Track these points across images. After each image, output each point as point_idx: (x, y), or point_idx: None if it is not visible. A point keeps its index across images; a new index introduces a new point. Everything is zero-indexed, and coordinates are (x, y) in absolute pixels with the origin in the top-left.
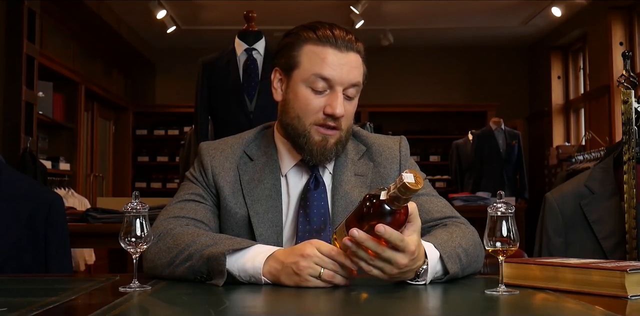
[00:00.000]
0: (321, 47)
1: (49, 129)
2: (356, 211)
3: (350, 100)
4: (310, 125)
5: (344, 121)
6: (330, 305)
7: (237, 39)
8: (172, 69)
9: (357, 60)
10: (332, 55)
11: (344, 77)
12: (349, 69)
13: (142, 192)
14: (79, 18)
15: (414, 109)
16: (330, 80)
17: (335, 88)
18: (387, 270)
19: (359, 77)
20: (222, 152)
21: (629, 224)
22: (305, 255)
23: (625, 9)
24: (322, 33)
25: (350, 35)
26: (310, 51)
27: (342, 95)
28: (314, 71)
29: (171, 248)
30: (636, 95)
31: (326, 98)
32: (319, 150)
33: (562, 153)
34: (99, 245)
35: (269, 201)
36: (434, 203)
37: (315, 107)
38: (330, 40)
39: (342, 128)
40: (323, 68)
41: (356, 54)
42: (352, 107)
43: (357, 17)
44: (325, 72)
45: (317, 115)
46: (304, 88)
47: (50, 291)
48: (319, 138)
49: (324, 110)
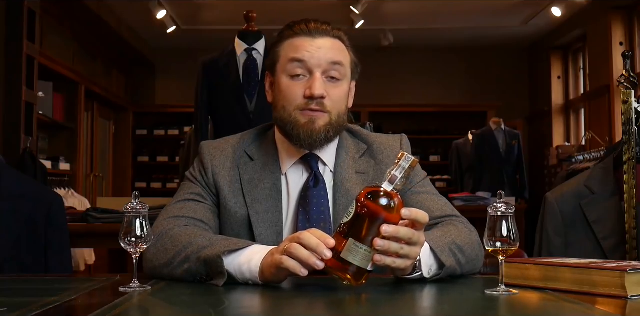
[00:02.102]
0: (297, 38)
1: (49, 129)
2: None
3: (335, 82)
4: (294, 111)
5: (329, 103)
6: (329, 304)
7: (237, 39)
8: (172, 69)
9: (334, 43)
10: (306, 41)
11: (320, 57)
12: (325, 51)
13: (142, 192)
14: (79, 18)
15: (414, 109)
16: (306, 62)
17: (313, 71)
18: (412, 254)
19: (339, 57)
20: (222, 152)
21: (629, 224)
22: (289, 238)
23: (625, 9)
24: (298, 28)
25: (326, 26)
26: (287, 44)
27: (323, 77)
28: (289, 56)
29: (169, 249)
30: (636, 95)
31: (305, 82)
32: (307, 132)
33: (562, 153)
34: (99, 245)
35: (269, 201)
36: (435, 201)
37: (296, 93)
38: (304, 31)
39: (328, 110)
40: (297, 52)
41: (333, 38)
42: (338, 91)
43: (357, 17)
44: (299, 54)
45: (299, 100)
46: (284, 77)
47: (50, 291)
48: (304, 121)
49: (304, 94)
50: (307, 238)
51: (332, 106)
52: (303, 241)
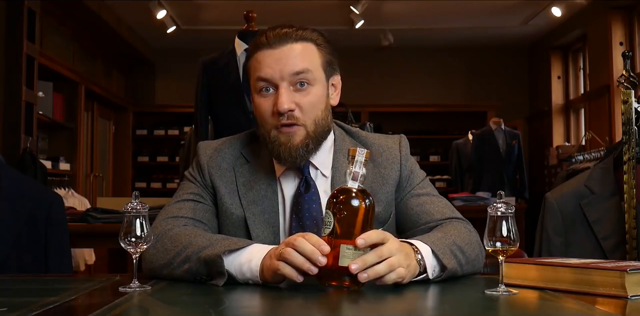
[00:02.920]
0: (259, 52)
1: (49, 129)
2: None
3: (305, 89)
4: (271, 130)
5: (300, 114)
6: (329, 304)
7: (237, 39)
8: (172, 69)
9: (295, 48)
10: (266, 55)
11: (282, 70)
12: (285, 61)
13: (142, 192)
14: (79, 18)
15: (414, 109)
16: (269, 79)
17: (278, 85)
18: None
19: (302, 64)
20: (219, 152)
21: (629, 224)
22: (285, 242)
23: (625, 9)
24: (259, 40)
25: (287, 29)
26: (253, 60)
27: (290, 87)
28: (255, 76)
29: (168, 249)
30: (636, 95)
31: (273, 98)
32: (285, 151)
33: (562, 153)
34: (99, 245)
35: (265, 202)
36: (435, 203)
37: (267, 110)
38: (264, 43)
39: (302, 123)
40: (260, 70)
41: (294, 43)
42: (308, 98)
43: (357, 17)
44: (262, 73)
45: (270, 117)
46: (256, 95)
47: (50, 291)
48: (284, 139)
49: (272, 111)
50: (302, 245)
51: (305, 116)
52: (298, 247)
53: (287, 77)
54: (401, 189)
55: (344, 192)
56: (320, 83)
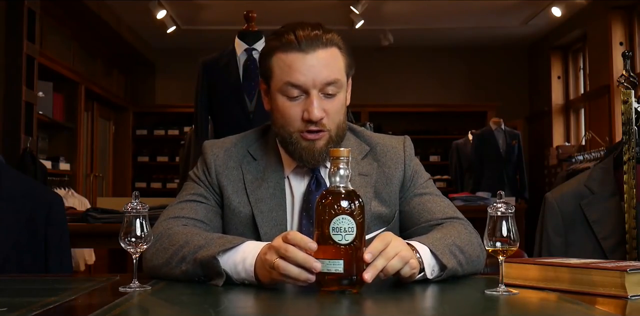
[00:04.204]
0: (287, 53)
1: (49, 129)
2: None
3: (331, 98)
4: (294, 132)
5: (328, 121)
6: (329, 305)
7: (237, 39)
8: (172, 69)
9: (327, 56)
10: (298, 59)
11: (315, 79)
12: (319, 69)
13: (142, 192)
14: (79, 18)
15: (414, 109)
16: (302, 86)
17: (309, 92)
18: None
19: (334, 74)
20: (225, 151)
21: (629, 224)
22: (270, 246)
23: (625, 9)
24: (286, 39)
25: (316, 31)
26: (278, 60)
27: (320, 95)
28: (285, 80)
29: (167, 248)
30: (636, 95)
31: (302, 103)
32: (309, 154)
33: (562, 153)
34: (99, 245)
35: (273, 200)
36: (437, 203)
37: (293, 115)
38: (294, 45)
39: (328, 128)
40: (291, 75)
41: (326, 48)
42: (335, 105)
43: (357, 17)
44: (294, 79)
45: (297, 122)
46: (280, 97)
47: (50, 291)
48: (306, 144)
49: (302, 117)
50: (293, 255)
51: (330, 122)
52: (290, 258)
53: (319, 85)
54: (405, 189)
55: (333, 193)
56: (343, 89)
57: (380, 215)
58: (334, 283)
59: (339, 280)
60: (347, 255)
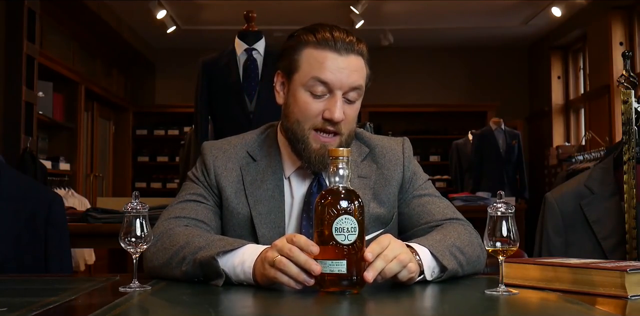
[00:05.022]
0: (320, 50)
1: (49, 129)
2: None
3: (351, 104)
4: (309, 129)
5: (344, 125)
6: (330, 305)
7: (237, 39)
8: (172, 69)
9: (357, 63)
10: (331, 58)
11: (343, 81)
12: (348, 73)
13: (142, 192)
14: (79, 18)
15: (414, 109)
16: (329, 84)
17: (334, 92)
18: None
19: (360, 81)
20: (225, 152)
21: (629, 224)
22: (274, 245)
23: (625, 9)
24: (322, 36)
25: (351, 37)
26: (309, 55)
27: (342, 98)
28: (313, 75)
29: (167, 248)
30: (636, 95)
31: (325, 102)
32: (317, 158)
33: (562, 153)
34: (99, 245)
35: (271, 202)
36: (436, 204)
37: (314, 111)
38: (330, 43)
39: (342, 132)
40: (322, 72)
41: (357, 56)
42: (353, 111)
43: (357, 17)
44: (324, 76)
45: (316, 119)
46: (304, 92)
47: (50, 291)
48: (317, 146)
49: (322, 115)
50: (295, 254)
51: (345, 127)
52: (293, 258)
53: (345, 88)
54: (404, 190)
55: (332, 192)
56: (361, 98)
57: (379, 217)
58: (335, 284)
59: (339, 281)
60: (349, 255)
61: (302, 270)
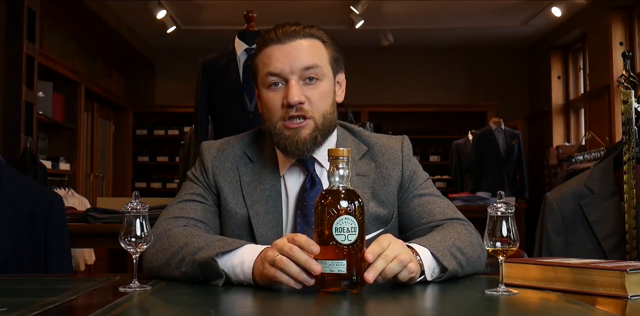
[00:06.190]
0: (267, 48)
1: (49, 129)
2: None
3: (314, 83)
4: (278, 122)
5: (309, 107)
6: (330, 305)
7: (237, 39)
8: (172, 69)
9: (306, 44)
10: (276, 50)
11: (292, 65)
12: (295, 55)
13: (142, 192)
14: (79, 18)
15: (414, 109)
16: (280, 73)
17: (288, 79)
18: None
19: (313, 59)
20: (223, 152)
21: (629, 224)
22: (274, 244)
23: (625, 9)
24: (267, 36)
25: (295, 26)
26: (261, 56)
27: (300, 81)
28: (265, 71)
29: (166, 248)
30: (636, 95)
31: (283, 91)
32: (292, 144)
33: (562, 153)
34: (99, 245)
35: (268, 202)
36: (437, 203)
37: (275, 104)
38: (273, 38)
39: (311, 115)
40: (270, 65)
41: (306, 39)
42: (317, 92)
43: (357, 17)
44: (272, 67)
45: (281, 110)
46: (265, 90)
47: (50, 291)
48: (289, 133)
49: (282, 103)
50: (296, 254)
51: (313, 109)
52: (293, 257)
53: (297, 72)
54: (403, 190)
55: (333, 193)
56: (328, 79)
57: (379, 216)
58: (335, 284)
59: (339, 281)
60: (349, 255)
61: (302, 270)
